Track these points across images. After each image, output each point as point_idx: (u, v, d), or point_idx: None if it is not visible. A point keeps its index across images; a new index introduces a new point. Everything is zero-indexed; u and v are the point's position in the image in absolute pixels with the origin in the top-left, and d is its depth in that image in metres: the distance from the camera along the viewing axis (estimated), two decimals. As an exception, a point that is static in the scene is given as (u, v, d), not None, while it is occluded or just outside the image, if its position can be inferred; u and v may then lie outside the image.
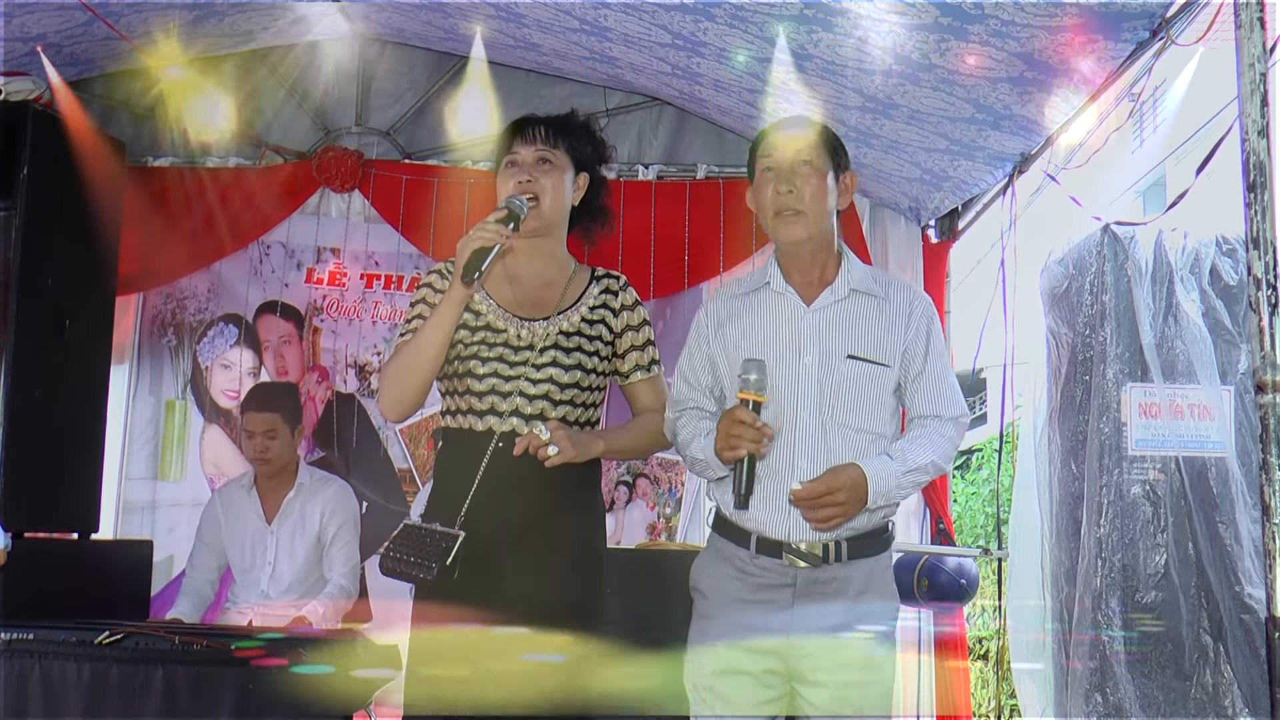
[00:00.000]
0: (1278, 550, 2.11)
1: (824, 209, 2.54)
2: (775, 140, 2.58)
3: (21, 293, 3.97)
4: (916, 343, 2.54)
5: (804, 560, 2.44)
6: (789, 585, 2.46)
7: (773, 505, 2.46)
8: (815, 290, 2.56)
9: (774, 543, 2.46)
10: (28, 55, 4.36)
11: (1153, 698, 3.22)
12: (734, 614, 2.47)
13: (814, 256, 2.57)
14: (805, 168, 2.53)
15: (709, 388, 2.61)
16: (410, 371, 2.57)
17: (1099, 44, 3.31)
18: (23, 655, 3.02)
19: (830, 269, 2.58)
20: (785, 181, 2.52)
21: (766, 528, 2.47)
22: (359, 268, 5.14)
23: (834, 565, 2.45)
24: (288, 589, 4.13)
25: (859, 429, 2.48)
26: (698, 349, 2.63)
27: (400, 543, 2.54)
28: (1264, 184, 2.19)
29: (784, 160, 2.54)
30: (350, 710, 3.14)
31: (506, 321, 2.64)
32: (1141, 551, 3.26)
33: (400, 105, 5.16)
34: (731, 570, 2.50)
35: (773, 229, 2.56)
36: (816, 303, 2.54)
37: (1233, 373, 3.37)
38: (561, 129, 2.70)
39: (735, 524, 2.51)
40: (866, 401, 2.49)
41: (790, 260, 2.59)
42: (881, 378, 2.51)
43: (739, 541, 2.50)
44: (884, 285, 2.60)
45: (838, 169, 2.59)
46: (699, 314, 2.69)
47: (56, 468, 4.13)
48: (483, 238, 2.49)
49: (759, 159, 2.59)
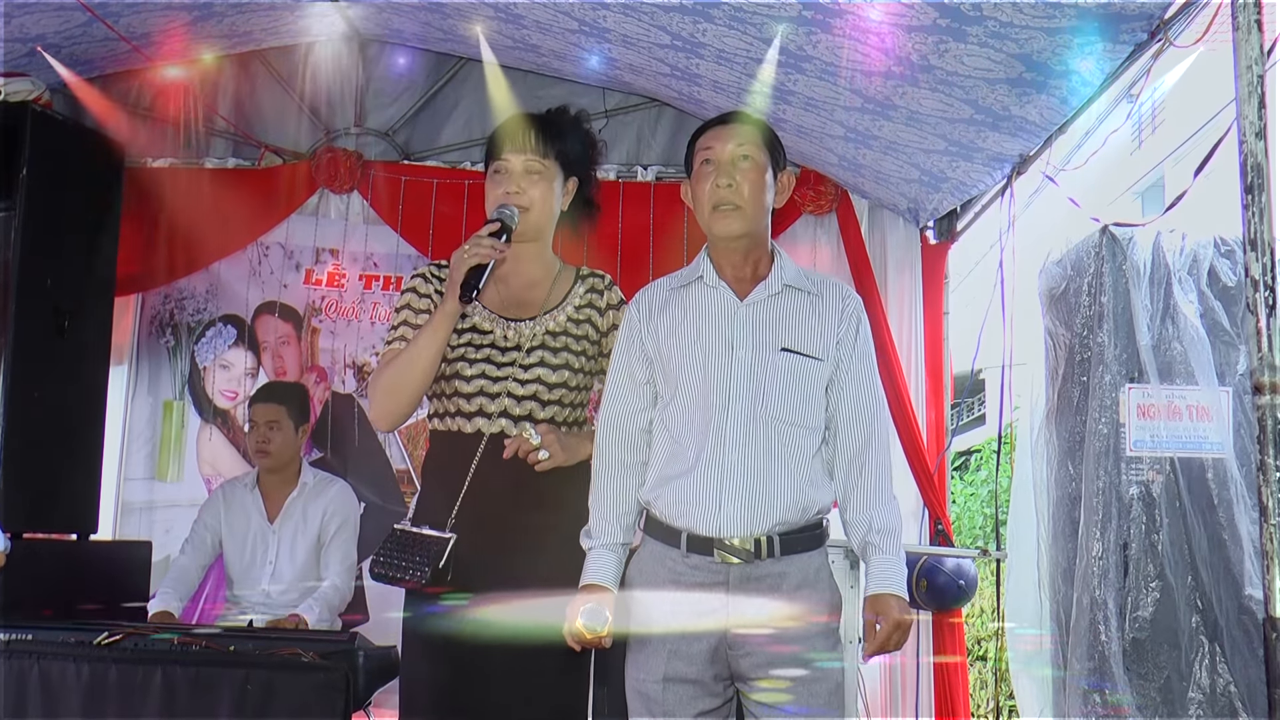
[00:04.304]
0: (1275, 551, 2.11)
1: (761, 205, 2.54)
2: (716, 134, 2.57)
3: (21, 293, 3.97)
4: (846, 338, 2.54)
5: (736, 556, 2.41)
6: (721, 583, 2.42)
7: (703, 502, 2.43)
8: (748, 286, 2.55)
9: (704, 540, 2.43)
10: (27, 56, 4.36)
11: (1150, 698, 3.22)
12: (671, 619, 2.43)
13: (748, 252, 2.56)
14: (745, 163, 2.52)
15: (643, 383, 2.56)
16: (403, 384, 2.56)
17: (1097, 45, 3.32)
18: (22, 656, 3.02)
19: (764, 265, 2.58)
20: (725, 175, 2.51)
21: (697, 525, 2.43)
22: (357, 268, 5.15)
23: (767, 561, 2.42)
24: (288, 588, 4.13)
25: (791, 422, 2.46)
26: (629, 343, 2.58)
27: (390, 548, 2.53)
28: (1261, 186, 2.19)
29: (724, 154, 2.53)
30: (348, 710, 3.14)
31: (493, 323, 2.64)
32: (1139, 552, 3.26)
33: (399, 106, 5.16)
34: (664, 572, 2.47)
35: (709, 223, 2.54)
36: (750, 297, 2.53)
37: (1231, 374, 3.36)
38: (552, 136, 2.69)
39: (665, 523, 2.48)
40: (799, 394, 2.48)
41: (723, 255, 2.57)
42: (814, 371, 2.50)
43: (669, 541, 2.47)
44: (816, 283, 2.60)
45: (776, 166, 2.58)
46: (627, 310, 2.64)
47: (55, 468, 4.13)
48: (478, 254, 2.49)
49: (698, 152, 2.58)
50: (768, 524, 2.42)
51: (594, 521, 2.55)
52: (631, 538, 2.58)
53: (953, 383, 5.09)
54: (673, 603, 2.43)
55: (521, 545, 2.53)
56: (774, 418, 2.45)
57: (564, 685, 2.55)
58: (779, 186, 2.59)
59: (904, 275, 4.95)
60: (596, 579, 2.49)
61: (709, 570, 2.42)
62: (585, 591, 2.47)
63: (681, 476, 2.46)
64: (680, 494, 2.45)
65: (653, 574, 2.49)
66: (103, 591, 4.04)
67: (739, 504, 2.41)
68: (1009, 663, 4.34)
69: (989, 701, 5.74)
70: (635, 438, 2.55)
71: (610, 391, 2.60)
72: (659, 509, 2.49)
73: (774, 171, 2.57)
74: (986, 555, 4.52)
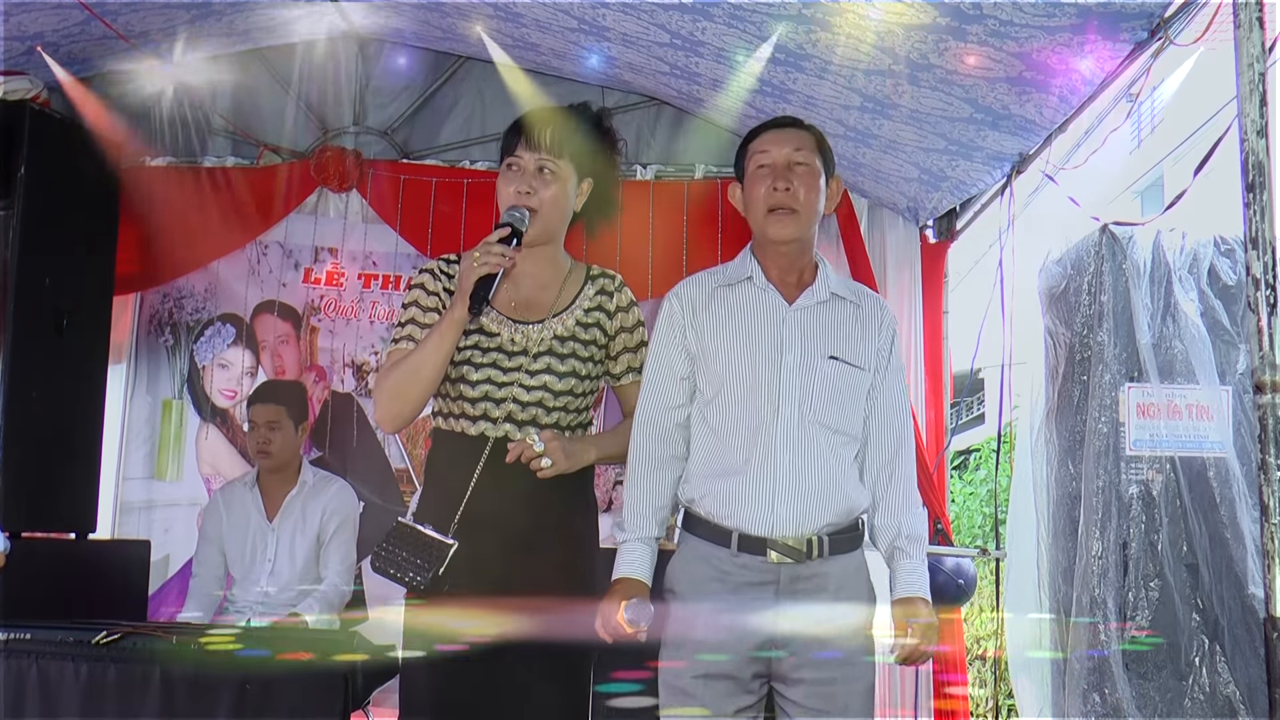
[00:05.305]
0: (1276, 550, 2.11)
1: (815, 210, 2.56)
2: (772, 137, 2.59)
3: (19, 292, 3.97)
4: (883, 349, 2.58)
5: (788, 555, 2.44)
6: (771, 583, 2.45)
7: (755, 502, 2.45)
8: (795, 291, 2.57)
9: (757, 539, 2.45)
10: (25, 54, 4.35)
11: (1150, 698, 3.22)
12: (715, 616, 2.44)
13: (797, 258, 2.58)
14: (801, 167, 2.54)
15: (683, 378, 2.57)
16: (409, 388, 2.54)
17: (1097, 44, 3.31)
18: (20, 655, 3.02)
19: (809, 271, 2.60)
20: (781, 179, 2.52)
21: (749, 525, 2.45)
22: (356, 267, 5.14)
23: (815, 561, 2.45)
24: (286, 587, 4.12)
25: (835, 429, 2.50)
26: (670, 337, 2.59)
27: (393, 542, 2.52)
28: (1263, 184, 2.18)
29: (780, 158, 2.55)
30: (347, 710, 3.13)
31: (500, 325, 2.61)
32: (1138, 551, 3.26)
33: (398, 105, 5.16)
34: (710, 570, 2.48)
35: (763, 226, 2.55)
36: (798, 302, 2.55)
37: (1231, 373, 3.36)
38: (568, 135, 2.62)
39: (713, 522, 2.49)
40: (843, 402, 2.52)
41: (772, 258, 2.58)
42: (858, 380, 2.54)
43: (718, 540, 2.48)
44: (857, 293, 2.64)
45: (828, 173, 2.60)
46: (667, 304, 2.63)
47: (54, 468, 4.13)
48: (488, 264, 2.45)
49: (753, 155, 2.59)
50: (818, 524, 2.46)
51: (628, 514, 2.57)
52: (664, 531, 2.60)
53: (952, 382, 5.09)
54: (717, 600, 2.45)
55: (522, 550, 2.52)
56: (820, 423, 2.49)
57: (564, 687, 2.54)
58: (829, 193, 2.61)
59: (903, 274, 4.95)
60: (632, 573, 2.51)
61: (759, 570, 2.45)
62: (621, 585, 2.49)
63: (731, 476, 2.48)
64: (731, 494, 2.47)
65: (696, 572, 2.50)
66: (102, 591, 4.04)
67: (791, 504, 2.45)
68: (1008, 662, 4.33)
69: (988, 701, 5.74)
70: (672, 432, 2.58)
71: (649, 385, 2.61)
72: (705, 508, 2.51)
73: (825, 177, 2.59)
74: (986, 554, 4.52)
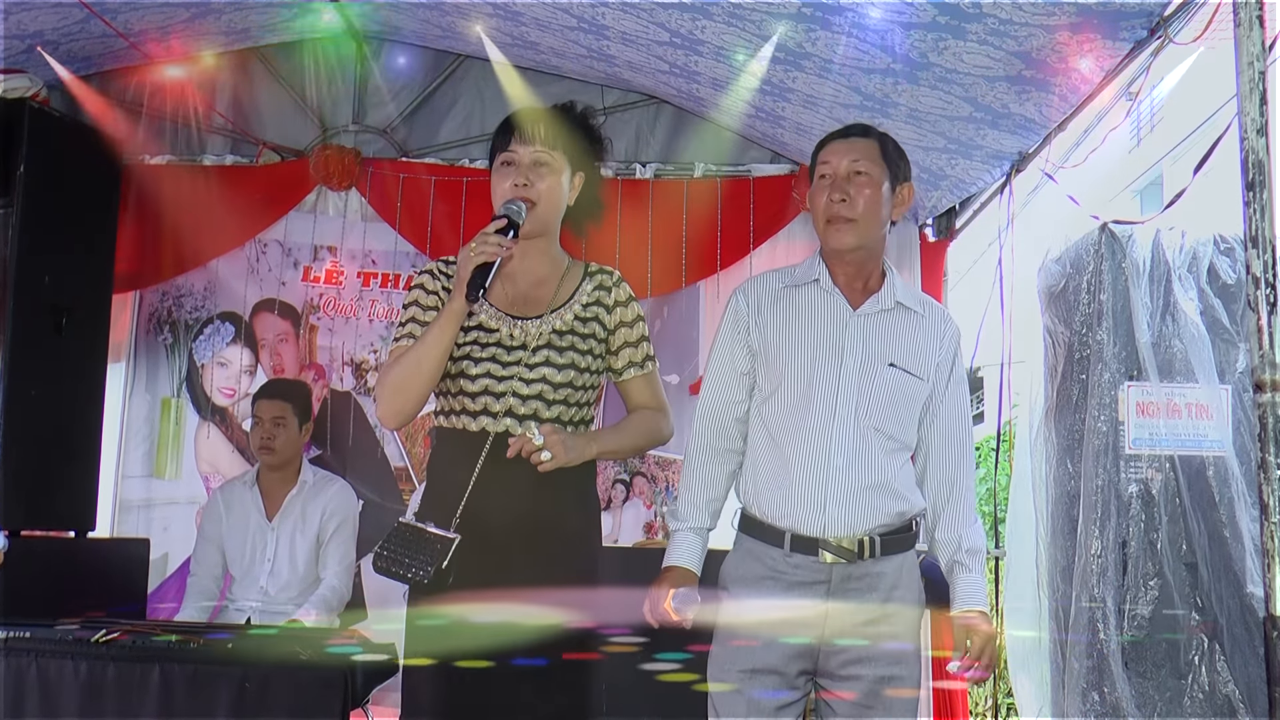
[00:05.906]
0: (1276, 550, 2.11)
1: (876, 219, 2.58)
2: (834, 148, 2.63)
3: (18, 291, 3.97)
4: (945, 363, 2.61)
5: (840, 556, 2.47)
6: (823, 582, 2.49)
7: (807, 503, 2.49)
8: (860, 297, 2.61)
9: (809, 540, 2.49)
10: (25, 53, 4.35)
11: (1149, 697, 3.22)
12: (767, 614, 2.48)
13: (862, 265, 2.62)
14: (860, 178, 2.57)
15: (744, 373, 2.63)
16: (410, 382, 2.55)
17: (1096, 43, 3.31)
18: (20, 653, 3.02)
19: (875, 279, 2.64)
20: (839, 190, 2.56)
21: (801, 525, 2.50)
22: (356, 266, 5.14)
23: (867, 561, 2.49)
24: (286, 586, 4.12)
25: (890, 436, 2.54)
26: (734, 333, 2.65)
27: (394, 541, 2.52)
28: (1263, 183, 2.19)
29: (839, 169, 2.59)
30: (346, 709, 3.13)
31: (499, 321, 2.62)
32: (1137, 550, 3.26)
33: (397, 103, 5.15)
34: (763, 569, 2.53)
35: (823, 235, 2.61)
36: (863, 308, 2.59)
37: (1231, 372, 3.36)
38: (560, 129, 2.66)
39: (767, 523, 2.53)
40: (901, 410, 2.56)
41: (837, 265, 2.63)
42: (916, 389, 2.57)
43: (771, 540, 2.53)
44: (922, 304, 2.67)
45: (895, 179, 2.61)
46: (733, 301, 2.69)
47: (53, 466, 4.13)
48: (484, 253, 2.46)
49: (817, 165, 2.64)
50: (870, 525, 2.50)
51: (682, 504, 2.63)
52: (717, 523, 2.66)
53: (952, 380, 5.08)
54: (769, 598, 2.49)
55: (525, 545, 2.52)
56: (875, 428, 2.52)
57: (568, 685, 2.54)
58: (897, 199, 2.63)
59: (903, 273, 4.91)
60: (682, 561, 2.58)
61: (811, 569, 2.49)
62: (671, 573, 2.56)
63: (784, 477, 2.52)
64: (784, 495, 2.52)
65: (749, 570, 2.55)
66: (101, 589, 4.03)
67: (843, 506, 2.49)
68: (1007, 661, 4.33)
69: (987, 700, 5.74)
70: (731, 426, 2.64)
71: (711, 379, 2.68)
72: (759, 509, 2.56)
73: (892, 184, 2.60)
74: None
